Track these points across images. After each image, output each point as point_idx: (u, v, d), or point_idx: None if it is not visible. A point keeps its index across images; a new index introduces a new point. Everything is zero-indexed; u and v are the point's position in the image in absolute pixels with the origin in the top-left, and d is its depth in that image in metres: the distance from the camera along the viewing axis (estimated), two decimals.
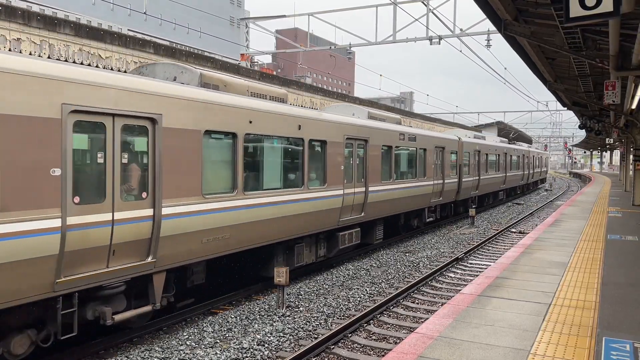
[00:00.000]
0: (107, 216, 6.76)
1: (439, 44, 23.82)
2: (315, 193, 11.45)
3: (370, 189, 13.94)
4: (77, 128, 6.47)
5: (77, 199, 6.43)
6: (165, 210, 7.55)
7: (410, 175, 16.70)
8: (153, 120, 7.42)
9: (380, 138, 14.60)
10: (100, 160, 6.74)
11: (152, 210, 7.38)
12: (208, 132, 8.49)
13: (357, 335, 8.45)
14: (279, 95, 11.03)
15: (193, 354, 7.42)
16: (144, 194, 7.32)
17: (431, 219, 19.27)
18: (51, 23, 11.64)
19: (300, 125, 10.86)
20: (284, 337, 8.11)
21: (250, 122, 9.34)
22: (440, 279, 12.39)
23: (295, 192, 10.76)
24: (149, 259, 7.42)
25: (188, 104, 8.03)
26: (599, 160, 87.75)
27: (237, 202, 9.04)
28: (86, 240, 6.47)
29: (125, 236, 6.99)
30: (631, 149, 27.06)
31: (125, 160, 7.06)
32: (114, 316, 7.04)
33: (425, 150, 17.80)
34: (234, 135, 9.05)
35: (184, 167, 7.93)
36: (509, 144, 33.93)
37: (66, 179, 6.26)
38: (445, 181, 19.74)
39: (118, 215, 6.89)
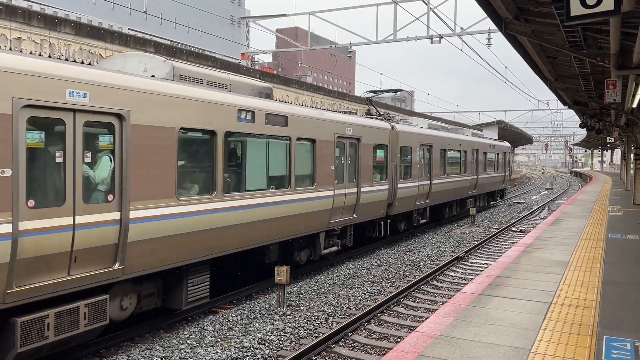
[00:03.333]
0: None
1: (440, 42, 23.80)
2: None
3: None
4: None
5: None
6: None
7: (272, 184, 10.37)
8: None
9: None
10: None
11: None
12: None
13: (358, 334, 8.45)
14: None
15: (194, 353, 7.42)
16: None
17: (332, 249, 12.70)
18: (52, 22, 11.64)
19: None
20: (284, 336, 8.11)
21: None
22: (441, 277, 12.39)
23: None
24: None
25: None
26: (599, 159, 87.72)
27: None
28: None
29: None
30: (632, 148, 27.05)
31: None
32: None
33: (314, 143, 11.52)
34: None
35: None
36: (482, 137, 27.35)
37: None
38: (363, 189, 13.55)
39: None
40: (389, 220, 15.70)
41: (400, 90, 17.62)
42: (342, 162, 12.77)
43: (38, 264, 6.00)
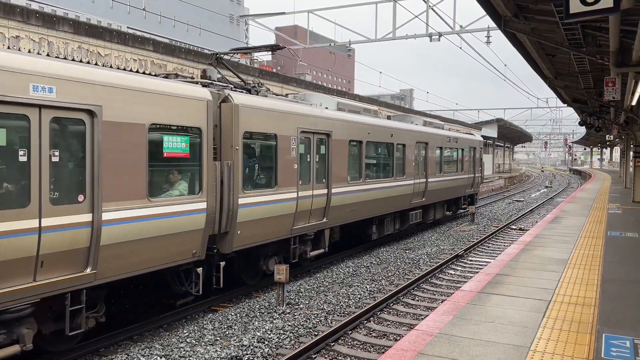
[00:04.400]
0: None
1: (439, 40, 23.76)
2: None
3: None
4: None
5: None
6: (106, 216, 6.72)
7: None
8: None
9: None
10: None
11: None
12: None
13: (357, 332, 8.45)
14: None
15: (193, 352, 7.42)
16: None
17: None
18: (50, 21, 11.61)
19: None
20: (284, 334, 8.11)
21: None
22: (440, 276, 12.39)
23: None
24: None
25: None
26: (599, 157, 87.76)
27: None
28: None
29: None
30: (631, 146, 27.06)
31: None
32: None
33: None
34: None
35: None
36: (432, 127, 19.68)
37: None
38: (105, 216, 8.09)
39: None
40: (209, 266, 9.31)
41: (279, 47, 11.37)
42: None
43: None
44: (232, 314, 9.13)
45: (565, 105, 24.66)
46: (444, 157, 19.78)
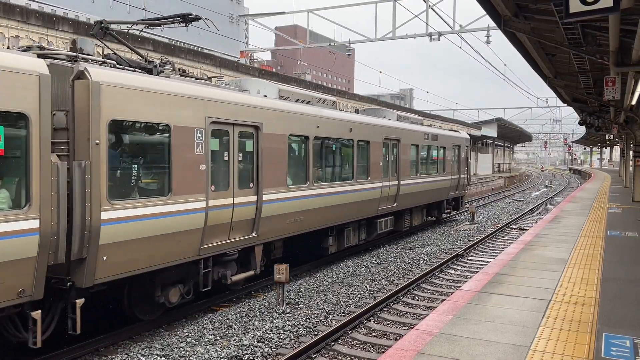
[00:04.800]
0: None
1: (439, 40, 23.77)
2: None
3: None
4: None
5: None
6: None
7: None
8: None
9: None
10: None
11: None
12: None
13: (357, 331, 8.46)
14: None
15: (193, 351, 7.42)
16: None
17: None
18: (50, 20, 11.61)
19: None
20: (284, 334, 8.11)
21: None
22: (440, 275, 12.39)
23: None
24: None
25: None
26: (598, 156, 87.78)
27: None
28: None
29: None
30: (631, 145, 27.06)
31: None
32: None
33: None
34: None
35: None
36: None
37: None
38: None
39: None
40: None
41: (191, 15, 9.52)
42: None
43: None
44: (232, 313, 9.13)
45: (565, 104, 24.66)
46: (420, 156, 17.43)
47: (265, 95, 10.43)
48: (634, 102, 17.01)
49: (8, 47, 10.70)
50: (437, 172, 18.84)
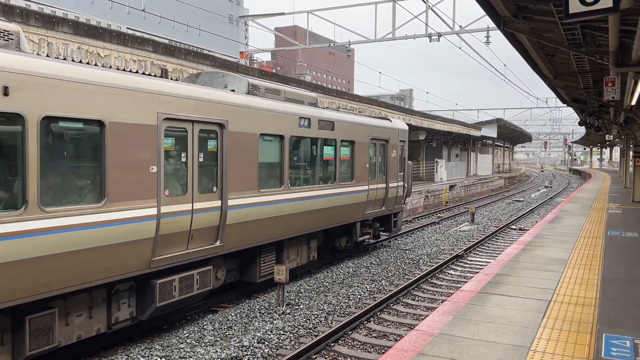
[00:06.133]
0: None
1: (439, 41, 23.76)
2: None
3: None
4: None
5: None
6: None
7: None
8: None
9: None
10: None
11: None
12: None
13: (358, 332, 8.46)
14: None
15: (193, 352, 7.42)
16: None
17: None
18: (50, 21, 11.61)
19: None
20: (284, 334, 8.11)
21: None
22: (440, 276, 12.39)
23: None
24: None
25: None
26: (598, 156, 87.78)
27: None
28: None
29: None
30: (631, 145, 27.06)
31: None
32: None
33: None
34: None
35: None
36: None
37: None
38: None
39: None
40: None
41: None
42: None
43: None
44: (232, 314, 9.13)
45: (565, 105, 24.68)
46: (289, 155, 10.46)
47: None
48: (633, 103, 17.01)
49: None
50: (335, 181, 12.13)
